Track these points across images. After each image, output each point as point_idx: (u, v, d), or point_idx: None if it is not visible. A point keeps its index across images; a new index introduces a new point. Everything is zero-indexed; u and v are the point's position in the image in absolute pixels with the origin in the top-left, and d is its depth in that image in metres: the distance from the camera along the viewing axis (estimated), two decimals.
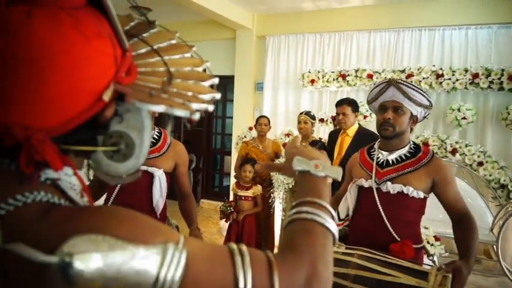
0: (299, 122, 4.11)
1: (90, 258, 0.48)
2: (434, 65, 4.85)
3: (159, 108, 0.56)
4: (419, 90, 1.78)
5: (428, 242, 3.63)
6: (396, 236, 1.76)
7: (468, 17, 4.80)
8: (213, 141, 7.02)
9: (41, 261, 0.47)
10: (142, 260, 0.51)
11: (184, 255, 0.53)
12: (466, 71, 4.62)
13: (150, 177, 2.05)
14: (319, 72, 5.46)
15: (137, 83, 0.59)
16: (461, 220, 1.79)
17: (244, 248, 0.60)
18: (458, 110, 4.65)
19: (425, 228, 3.67)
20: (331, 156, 3.73)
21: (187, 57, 0.68)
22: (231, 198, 4.45)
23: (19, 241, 0.49)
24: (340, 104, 3.79)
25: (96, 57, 0.55)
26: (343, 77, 5.26)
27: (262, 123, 4.36)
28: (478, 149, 4.54)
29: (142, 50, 0.65)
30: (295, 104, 5.72)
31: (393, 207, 1.79)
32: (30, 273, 0.50)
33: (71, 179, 0.62)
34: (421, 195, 1.79)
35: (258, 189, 3.98)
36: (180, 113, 0.56)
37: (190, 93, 0.59)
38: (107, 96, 0.56)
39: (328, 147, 3.86)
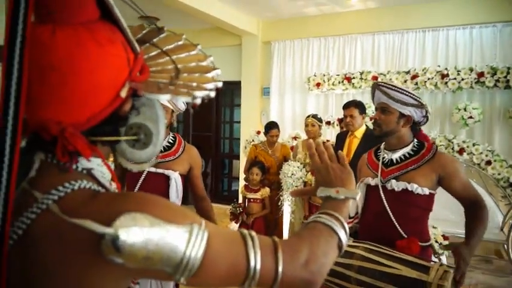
0: (306, 125, 4.17)
1: (136, 232, 0.58)
2: (439, 66, 4.87)
3: (165, 97, 0.65)
4: (401, 90, 1.84)
5: (436, 241, 3.65)
6: (403, 233, 1.80)
7: (472, 16, 4.82)
8: (222, 145, 7.10)
9: (102, 232, 0.57)
10: (175, 236, 0.60)
11: (206, 235, 0.63)
12: (471, 70, 4.63)
13: (166, 179, 2.16)
14: (324, 75, 5.52)
15: (149, 80, 0.69)
16: (472, 206, 1.82)
17: (253, 233, 0.70)
18: (465, 109, 4.66)
19: (434, 227, 3.68)
20: None
21: (193, 54, 0.77)
22: (240, 201, 4.51)
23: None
24: (347, 106, 3.83)
25: (111, 60, 0.65)
26: (349, 79, 5.31)
27: (274, 135, 4.41)
28: (485, 148, 4.55)
29: (153, 53, 0.75)
30: (301, 107, 5.78)
31: (399, 204, 1.84)
32: (76, 249, 0.60)
33: (102, 169, 0.72)
34: (426, 191, 1.83)
35: (266, 191, 4.04)
36: (183, 99, 0.67)
37: (194, 84, 0.69)
38: (123, 93, 0.66)
39: (335, 149, 3.90)
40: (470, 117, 4.63)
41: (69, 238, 0.60)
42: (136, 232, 0.58)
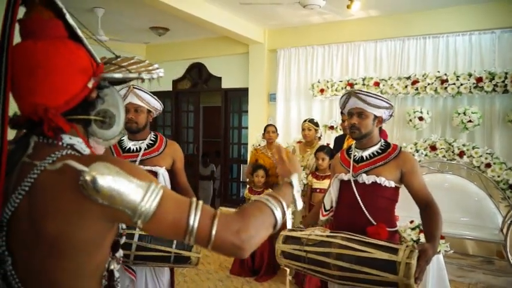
0: (303, 129, 4.34)
1: (105, 175, 0.80)
2: (439, 71, 5.01)
3: (119, 75, 0.94)
4: (375, 96, 2.05)
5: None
6: (372, 221, 2.01)
7: (471, 23, 4.96)
8: (230, 150, 7.31)
9: (81, 169, 0.81)
10: (135, 187, 0.83)
11: (160, 193, 0.85)
12: (470, 75, 4.76)
13: (154, 175, 2.33)
14: (328, 81, 5.70)
15: (107, 66, 0.99)
16: (426, 208, 2.05)
17: (200, 202, 0.90)
18: (464, 113, 4.78)
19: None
20: None
21: (143, 64, 1.02)
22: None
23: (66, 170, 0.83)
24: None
25: (79, 60, 0.92)
26: (351, 85, 5.48)
27: (269, 131, 4.61)
28: (485, 151, 4.66)
29: (112, 68, 0.99)
30: (306, 113, 5.95)
31: (369, 195, 2.05)
32: (69, 195, 0.82)
33: (82, 145, 0.96)
34: (393, 184, 2.05)
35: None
36: (132, 75, 0.96)
37: (143, 69, 0.99)
38: (90, 84, 0.93)
39: (334, 152, 4.06)
40: (470, 121, 4.74)
41: (60, 185, 0.84)
42: (105, 175, 0.80)
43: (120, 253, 1.02)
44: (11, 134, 0.91)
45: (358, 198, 2.04)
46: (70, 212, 0.83)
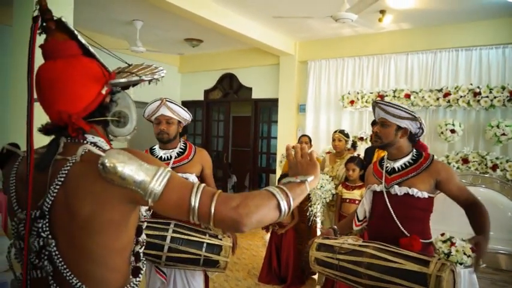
0: (333, 140, 4.39)
1: (117, 159, 0.95)
2: (471, 84, 4.97)
3: (123, 80, 1.09)
4: (396, 106, 2.10)
5: (465, 253, 3.73)
6: (406, 232, 2.03)
7: (504, 36, 4.90)
8: (259, 160, 7.41)
9: (99, 154, 0.97)
10: (145, 170, 0.96)
11: (168, 175, 0.98)
12: (504, 88, 4.71)
13: None
14: (358, 93, 5.74)
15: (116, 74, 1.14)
16: (470, 206, 2.06)
17: (203, 185, 1.02)
18: (498, 126, 4.72)
19: (463, 240, 3.77)
20: None
21: (150, 68, 1.16)
22: None
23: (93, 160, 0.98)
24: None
25: (91, 71, 1.08)
26: (382, 97, 5.49)
27: (303, 141, 4.69)
28: None
29: (124, 75, 1.14)
30: (336, 124, 6.00)
31: (401, 206, 2.08)
32: (92, 178, 0.98)
33: (103, 144, 1.11)
34: (426, 195, 2.07)
35: None
36: (135, 78, 1.09)
37: (148, 72, 1.13)
38: (103, 91, 1.09)
39: (365, 162, 4.10)
40: (504, 134, 4.68)
41: (88, 173, 1.00)
42: (117, 159, 0.95)
43: (143, 236, 1.18)
44: (43, 140, 1.14)
45: (391, 209, 2.07)
46: (96, 195, 0.99)
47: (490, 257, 4.53)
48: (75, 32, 1.11)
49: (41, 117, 1.09)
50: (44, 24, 1.08)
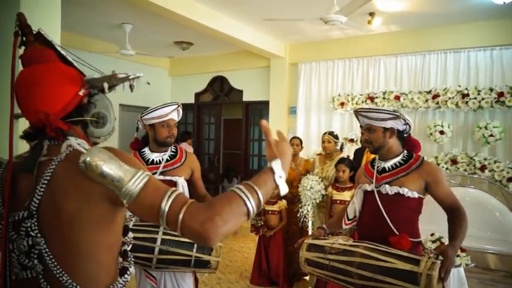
0: (323, 142, 4.41)
1: (98, 157, 0.98)
2: (460, 85, 5.03)
3: (97, 75, 1.13)
4: (375, 110, 2.15)
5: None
6: (395, 231, 2.05)
7: (493, 38, 4.98)
8: (250, 162, 7.41)
9: (81, 151, 1.02)
10: (124, 171, 0.98)
11: (146, 179, 1.00)
12: (491, 90, 4.77)
13: (173, 185, 2.45)
14: (348, 95, 5.78)
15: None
16: (452, 212, 2.08)
17: (177, 191, 1.01)
18: (486, 127, 4.77)
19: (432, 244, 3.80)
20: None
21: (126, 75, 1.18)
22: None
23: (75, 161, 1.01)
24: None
25: (68, 75, 1.13)
26: (372, 99, 5.54)
27: (294, 143, 4.68)
28: (506, 165, 4.65)
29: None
30: (326, 126, 6.02)
31: (392, 206, 2.10)
32: (75, 176, 1.01)
33: (85, 146, 1.12)
34: (416, 195, 2.09)
35: (283, 203, 4.29)
36: (108, 74, 1.12)
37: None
38: (81, 92, 1.13)
39: (354, 163, 4.12)
40: (491, 135, 4.73)
41: (72, 171, 1.02)
42: (98, 157, 0.98)
43: (130, 235, 1.22)
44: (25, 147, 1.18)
45: (382, 208, 2.09)
46: (80, 192, 1.02)
47: (479, 257, 4.58)
48: (53, 42, 1.17)
49: (25, 127, 1.14)
50: (24, 38, 1.15)
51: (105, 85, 1.15)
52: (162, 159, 2.55)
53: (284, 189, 1.05)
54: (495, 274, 4.71)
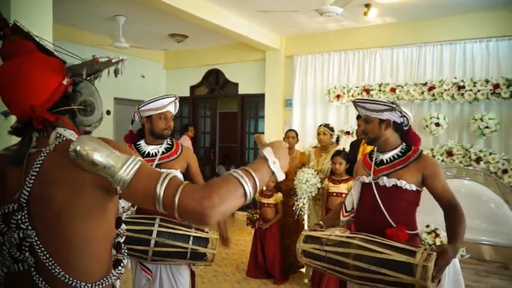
0: (318, 134, 4.39)
1: (88, 146, 0.97)
2: (455, 77, 5.02)
3: (77, 62, 1.11)
4: (372, 101, 2.14)
5: None
6: (392, 223, 2.04)
7: (489, 30, 4.97)
8: (246, 155, 7.39)
9: (71, 140, 1.01)
10: (116, 158, 0.97)
11: (138, 165, 0.98)
12: (487, 81, 4.77)
13: None
14: (344, 87, 5.76)
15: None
16: (450, 209, 2.06)
17: (171, 175, 1.00)
18: (481, 119, 4.78)
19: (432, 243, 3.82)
20: (354, 163, 3.99)
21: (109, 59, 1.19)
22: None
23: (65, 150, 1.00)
24: (360, 117, 4.05)
25: (49, 64, 1.11)
26: (367, 91, 5.52)
27: (290, 136, 4.67)
28: (502, 156, 4.66)
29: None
30: (322, 118, 6.00)
31: (389, 198, 2.09)
32: (67, 165, 1.00)
33: (74, 136, 1.09)
34: (414, 187, 2.08)
35: (278, 196, 4.29)
36: (89, 59, 1.11)
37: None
38: (65, 81, 1.12)
39: (350, 156, 4.11)
40: (487, 127, 4.74)
41: (61, 161, 1.01)
42: (88, 145, 0.96)
43: (123, 227, 1.20)
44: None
45: (379, 200, 2.08)
46: (70, 182, 1.01)
47: (474, 248, 4.61)
48: (30, 33, 1.15)
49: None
50: (1, 32, 1.13)
51: (84, 71, 1.13)
52: (158, 151, 2.53)
53: (280, 176, 1.06)
54: (490, 265, 4.74)
